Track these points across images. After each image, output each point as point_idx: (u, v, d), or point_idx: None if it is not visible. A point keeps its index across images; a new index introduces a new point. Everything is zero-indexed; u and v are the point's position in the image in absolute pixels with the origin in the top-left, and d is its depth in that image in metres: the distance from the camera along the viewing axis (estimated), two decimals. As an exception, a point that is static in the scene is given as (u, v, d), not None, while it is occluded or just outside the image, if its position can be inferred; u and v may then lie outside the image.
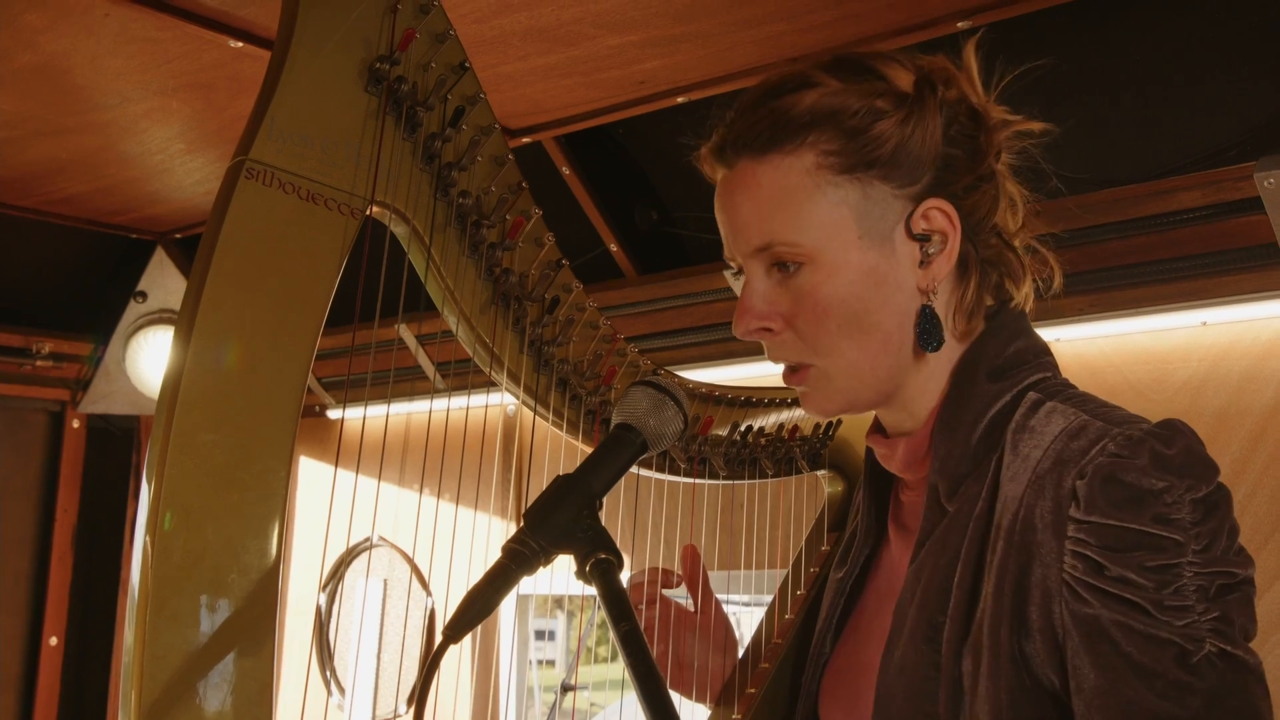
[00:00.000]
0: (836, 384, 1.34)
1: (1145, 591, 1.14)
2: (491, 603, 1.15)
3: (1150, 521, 1.15)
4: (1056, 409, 1.27)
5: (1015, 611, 1.21)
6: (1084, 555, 1.17)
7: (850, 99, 1.30)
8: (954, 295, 1.35)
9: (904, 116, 1.30)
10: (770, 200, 1.31)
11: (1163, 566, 1.14)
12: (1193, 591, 1.13)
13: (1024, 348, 1.35)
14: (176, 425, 1.20)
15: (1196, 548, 1.14)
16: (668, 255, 3.07)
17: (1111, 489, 1.17)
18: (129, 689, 1.15)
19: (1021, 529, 1.22)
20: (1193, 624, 1.13)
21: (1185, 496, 1.15)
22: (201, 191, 3.31)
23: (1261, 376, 2.22)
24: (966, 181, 1.33)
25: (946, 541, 1.30)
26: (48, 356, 3.86)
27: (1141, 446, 1.18)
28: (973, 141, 1.34)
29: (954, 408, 1.34)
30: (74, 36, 2.32)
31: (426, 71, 1.41)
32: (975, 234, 1.34)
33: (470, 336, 1.50)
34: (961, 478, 1.31)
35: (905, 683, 1.30)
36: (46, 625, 3.94)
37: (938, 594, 1.29)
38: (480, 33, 2.25)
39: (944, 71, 1.34)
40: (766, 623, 1.76)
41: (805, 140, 1.30)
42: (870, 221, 1.30)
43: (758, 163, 1.32)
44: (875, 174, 1.30)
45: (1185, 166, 2.21)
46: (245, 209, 1.27)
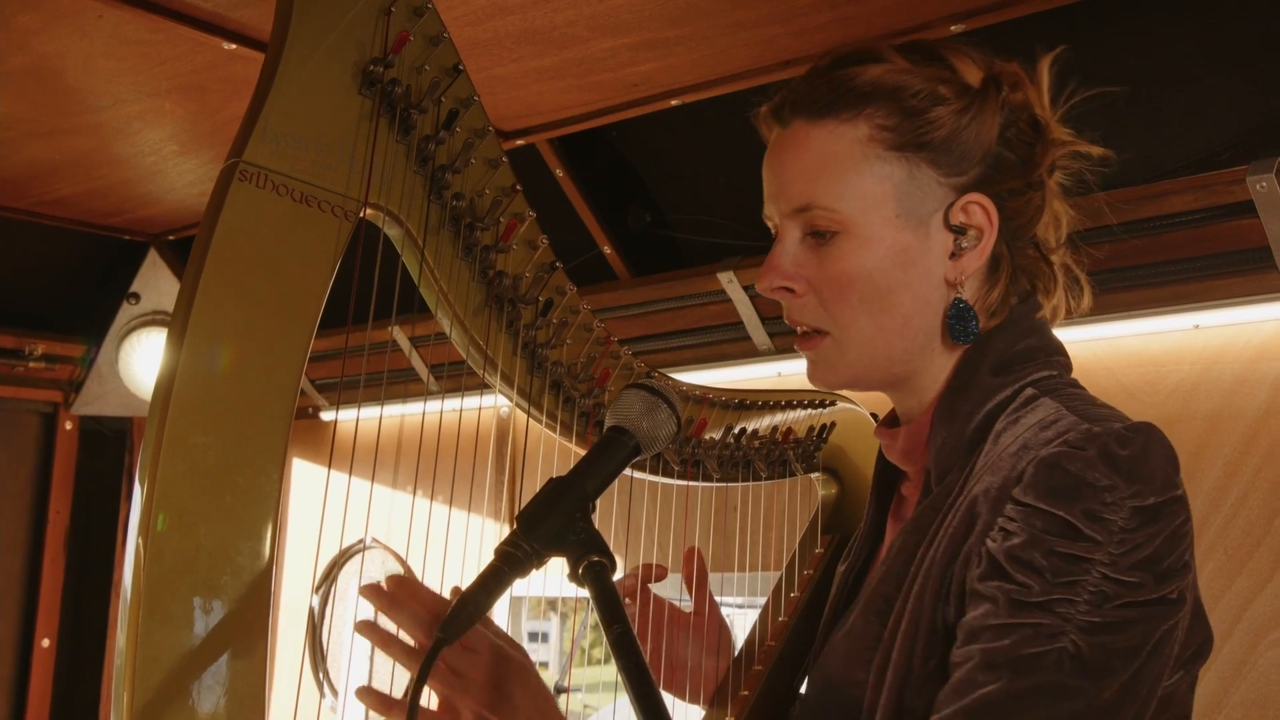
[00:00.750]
0: (847, 357, 1.36)
1: (1039, 575, 1.15)
2: (484, 605, 1.16)
3: (1079, 514, 1.15)
4: (1044, 403, 1.28)
5: (941, 579, 1.23)
6: (1006, 531, 1.18)
7: (914, 79, 1.32)
8: (980, 292, 1.36)
9: (963, 106, 1.32)
10: (817, 163, 1.33)
11: (1071, 557, 1.14)
12: (1089, 592, 1.14)
13: (1035, 345, 1.36)
14: (169, 427, 1.20)
15: (1115, 552, 1.14)
16: (661, 258, 3.07)
17: (1053, 476, 1.18)
18: (121, 691, 1.15)
19: (968, 505, 1.24)
20: (1064, 615, 1.13)
21: (1127, 501, 1.15)
22: (195, 193, 3.31)
23: (1254, 380, 2.22)
24: (1014, 185, 1.34)
25: (919, 524, 1.32)
26: (40, 358, 3.85)
27: (1095, 441, 1.18)
28: (1029, 149, 1.35)
29: (952, 398, 1.35)
30: (67, 38, 2.31)
31: (420, 74, 1.41)
32: (1013, 238, 1.36)
33: (464, 339, 1.50)
34: (951, 466, 1.33)
35: (847, 647, 1.33)
36: (39, 627, 3.93)
37: (899, 571, 1.31)
38: (474, 35, 2.25)
39: (1013, 75, 1.36)
40: (760, 625, 1.76)
41: (863, 111, 1.32)
42: (910, 203, 1.32)
43: (812, 125, 1.34)
44: (924, 157, 1.31)
45: (1178, 170, 2.22)
46: (239, 211, 1.27)
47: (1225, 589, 2.18)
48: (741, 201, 2.86)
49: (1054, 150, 1.37)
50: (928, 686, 1.22)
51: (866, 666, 1.29)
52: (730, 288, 2.76)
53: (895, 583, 1.31)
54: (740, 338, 2.86)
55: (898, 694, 1.24)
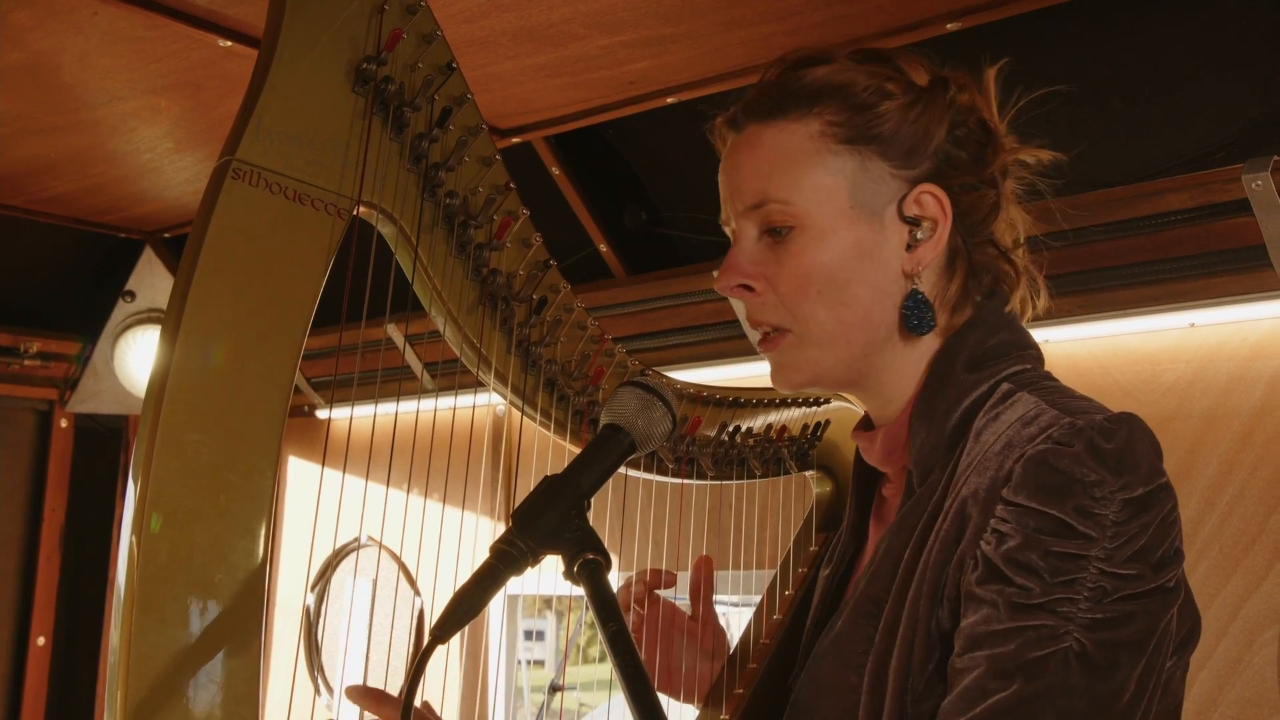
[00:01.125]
0: (808, 353, 1.36)
1: (1037, 576, 1.14)
2: (479, 603, 1.15)
3: (1071, 511, 1.15)
4: (1022, 398, 1.28)
5: (935, 584, 1.23)
6: (1000, 533, 1.18)
7: (861, 76, 1.34)
8: (939, 286, 1.37)
9: (911, 101, 1.34)
10: (769, 159, 1.35)
11: (1067, 555, 1.14)
12: (1089, 588, 1.14)
13: (1007, 340, 1.36)
14: (163, 425, 1.20)
15: (1110, 546, 1.14)
16: (657, 256, 3.07)
17: (1042, 473, 1.18)
18: (115, 689, 1.15)
19: (959, 507, 1.24)
20: (1067, 615, 1.13)
21: (1117, 494, 1.15)
22: (190, 191, 3.31)
23: (1249, 378, 2.22)
24: (967, 180, 1.35)
25: (904, 524, 1.32)
26: (35, 356, 3.85)
27: (1080, 435, 1.18)
28: (979, 148, 1.37)
29: (930, 396, 1.35)
30: (62, 35, 2.31)
31: (414, 72, 1.41)
32: (970, 234, 1.37)
33: (458, 337, 1.50)
34: (932, 466, 1.33)
35: (836, 650, 1.33)
36: (34, 625, 3.93)
37: (886, 573, 1.31)
38: (470, 33, 2.25)
39: (960, 79, 1.38)
40: (755, 623, 1.76)
41: (813, 109, 1.34)
42: (863, 195, 1.33)
43: (764, 126, 1.36)
44: (875, 149, 1.33)
45: (1173, 168, 2.22)
46: (232, 209, 1.26)
47: (1220, 587, 2.18)
48: (737, 199, 2.86)
49: (1004, 154, 1.38)
50: (928, 694, 1.22)
51: (859, 670, 1.29)
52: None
53: (883, 585, 1.30)
54: (736, 336, 2.86)
55: (899, 702, 1.23)
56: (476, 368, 1.51)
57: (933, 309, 1.35)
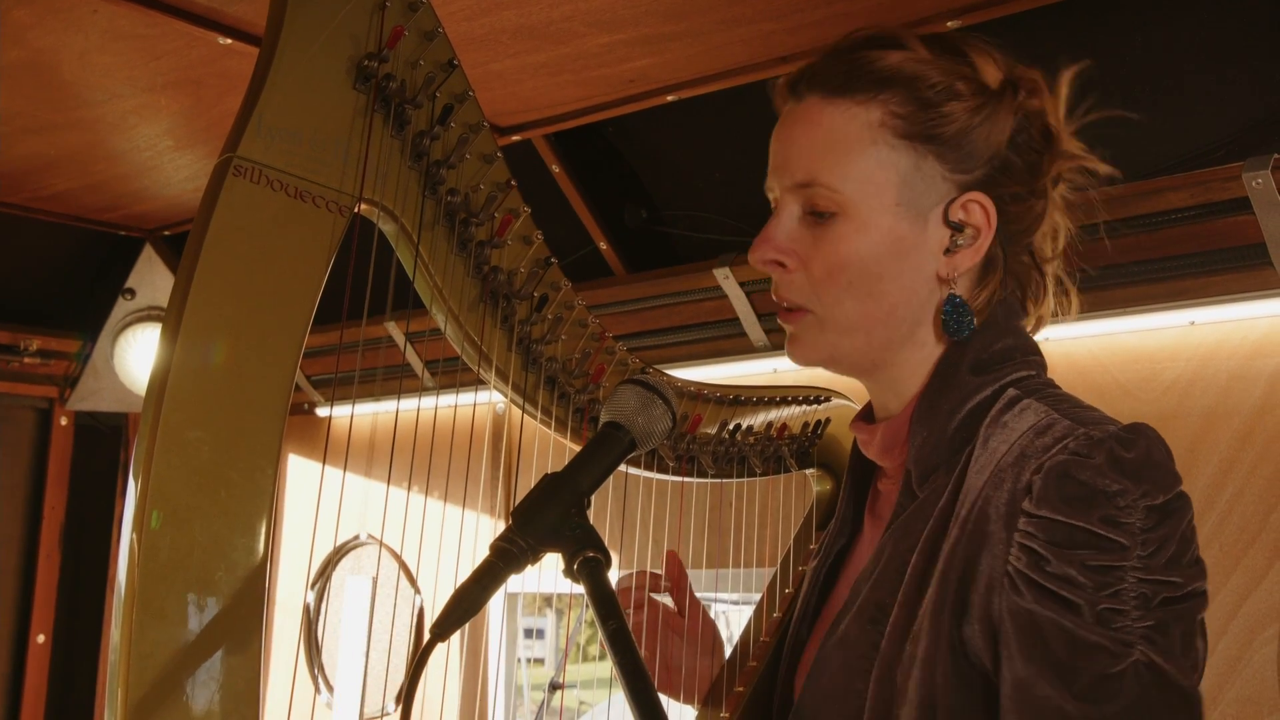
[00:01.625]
0: (827, 336, 1.36)
1: (1083, 591, 1.14)
2: (479, 601, 1.15)
3: (1098, 522, 1.14)
4: (1031, 406, 1.28)
5: (959, 597, 1.22)
6: (1029, 548, 1.17)
7: (933, 70, 1.32)
8: (971, 293, 1.37)
9: (978, 105, 1.32)
10: (826, 140, 1.33)
11: (1105, 568, 1.14)
12: (1132, 598, 1.13)
13: (1012, 345, 1.36)
14: (163, 423, 1.20)
15: (1143, 554, 1.14)
16: (657, 254, 3.07)
17: (1065, 485, 1.17)
18: (115, 687, 1.15)
19: (976, 519, 1.23)
20: (1125, 629, 1.13)
21: (1139, 502, 1.15)
22: (190, 188, 3.31)
23: (1249, 376, 2.22)
24: (1017, 190, 1.35)
25: (909, 528, 1.31)
26: (35, 353, 3.84)
27: (1100, 447, 1.18)
28: (1037, 155, 1.36)
29: (933, 396, 1.35)
30: (62, 32, 2.31)
31: (415, 69, 1.41)
32: (1010, 243, 1.36)
33: (458, 334, 1.50)
34: (934, 467, 1.32)
35: (842, 656, 1.32)
36: (34, 623, 3.92)
37: (892, 577, 1.30)
38: (470, 30, 2.25)
39: (1032, 82, 1.36)
40: (755, 621, 1.76)
41: (878, 95, 1.32)
42: (912, 193, 1.32)
43: (826, 103, 1.34)
44: (932, 149, 1.32)
45: (1173, 166, 2.22)
46: (233, 206, 1.26)
47: (1221, 585, 2.18)
48: (738, 197, 2.86)
49: (1061, 162, 1.37)
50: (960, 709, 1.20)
51: (865, 676, 1.28)
52: (726, 284, 2.76)
53: (889, 590, 1.29)
54: (736, 334, 2.86)
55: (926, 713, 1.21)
56: (477, 365, 1.51)
57: (972, 314, 1.35)
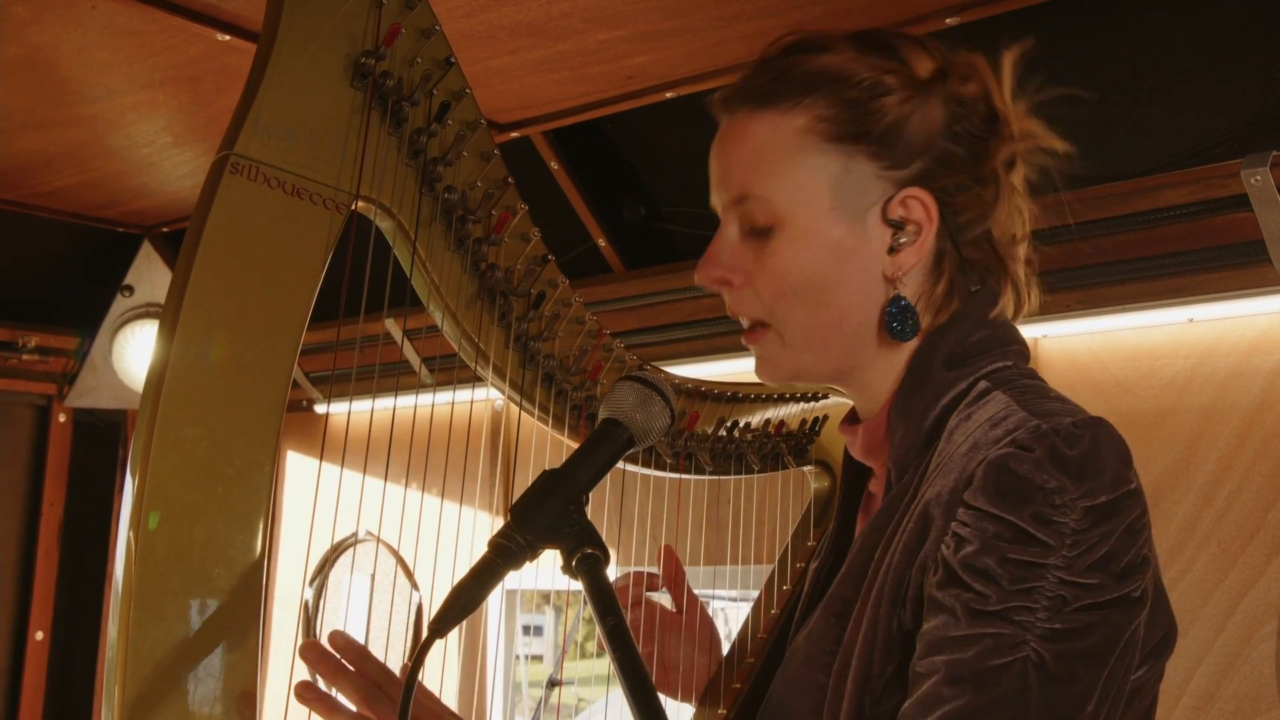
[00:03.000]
0: (788, 350, 1.35)
1: (995, 584, 1.12)
2: (477, 598, 1.15)
3: (1029, 518, 1.12)
4: (995, 397, 1.26)
5: (896, 586, 1.21)
6: (959, 537, 1.16)
7: (859, 68, 1.30)
8: (924, 287, 1.33)
9: (907, 97, 1.29)
10: (755, 153, 1.32)
11: (1025, 564, 1.12)
12: (1047, 597, 1.11)
13: (988, 336, 1.32)
14: (160, 420, 1.20)
15: (1069, 554, 1.11)
16: (656, 250, 3.07)
17: (1001, 478, 1.15)
18: (112, 684, 1.15)
19: (922, 508, 1.22)
20: (1025, 625, 1.11)
21: (1077, 501, 1.12)
22: (189, 185, 3.30)
23: (1247, 373, 2.22)
24: (960, 180, 1.31)
25: (878, 523, 1.30)
26: (34, 350, 3.84)
27: (1042, 441, 1.15)
28: (979, 143, 1.32)
29: (908, 394, 1.32)
30: (60, 29, 2.31)
31: (412, 66, 1.41)
32: (959, 234, 1.32)
33: (456, 331, 1.50)
34: (909, 464, 1.31)
35: (807, 649, 1.32)
36: (32, 620, 3.92)
37: (857, 572, 1.29)
38: (469, 27, 2.25)
39: (968, 67, 1.33)
40: (752, 618, 1.76)
41: (802, 101, 1.30)
42: (846, 196, 1.29)
43: (753, 115, 1.33)
44: (863, 149, 1.29)
45: (1172, 163, 2.21)
46: (230, 203, 1.26)
47: (1219, 582, 2.18)
48: (736, 194, 2.86)
49: (1008, 145, 1.33)
50: (888, 693, 1.20)
51: (826, 669, 1.27)
52: (723, 285, 2.75)
53: (853, 584, 1.28)
54: (734, 331, 2.83)
55: (859, 701, 1.22)
56: (475, 362, 1.52)
57: (916, 314, 1.32)
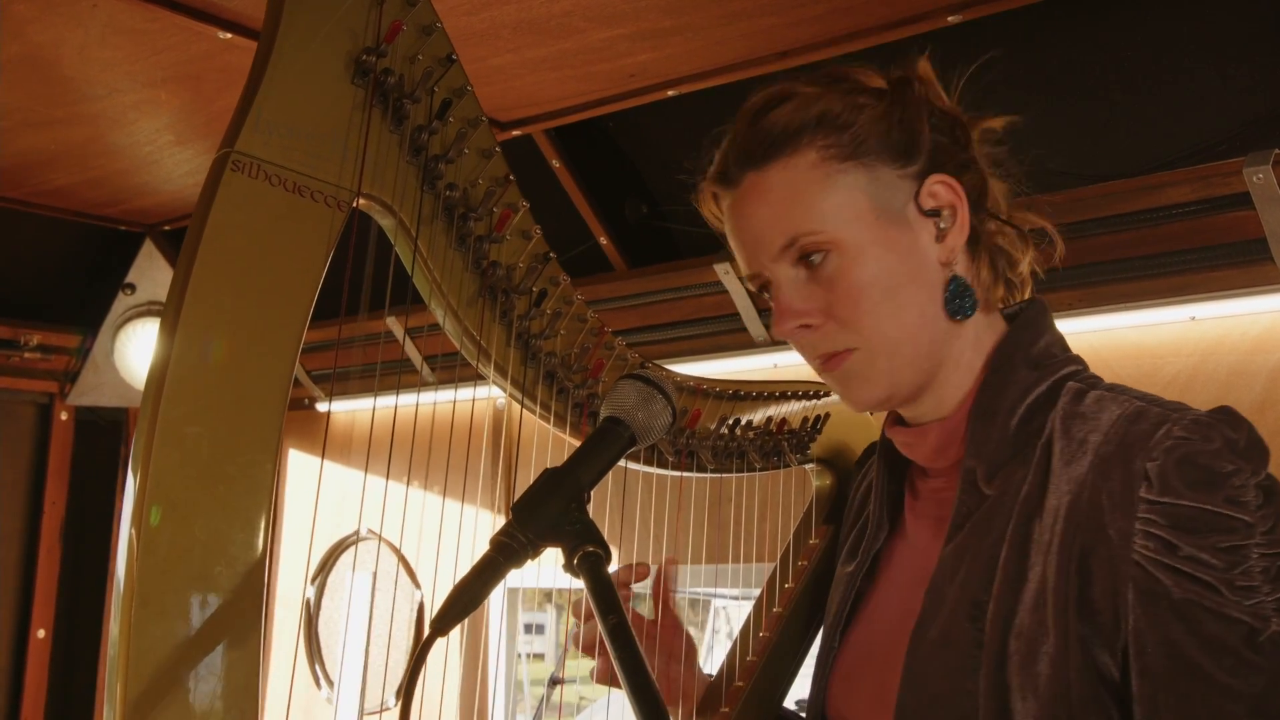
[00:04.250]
0: (879, 365, 1.36)
1: (1217, 571, 1.17)
2: (479, 596, 1.15)
3: (1223, 503, 1.18)
4: (1105, 397, 1.31)
5: (1081, 593, 1.23)
6: (1156, 535, 1.19)
7: (831, 99, 1.36)
8: (970, 271, 1.39)
9: (886, 106, 1.36)
10: (784, 199, 1.35)
11: (1233, 547, 1.17)
12: (1259, 573, 1.17)
13: (1052, 342, 1.40)
14: (162, 418, 1.19)
15: (1263, 529, 1.18)
16: (657, 248, 3.07)
17: (1187, 470, 1.19)
18: (114, 682, 1.15)
19: (1087, 510, 1.24)
20: (1260, 604, 1.16)
21: (1250, 481, 1.19)
22: (190, 183, 3.30)
23: (1249, 371, 2.22)
24: (959, 161, 1.38)
25: (990, 524, 1.32)
26: (36, 348, 3.84)
27: (1213, 430, 1.21)
28: (952, 130, 1.40)
29: (992, 393, 1.36)
30: (62, 27, 2.30)
31: (413, 64, 1.41)
32: (975, 211, 1.39)
33: (457, 329, 1.50)
34: (1001, 462, 1.33)
35: (944, 658, 1.31)
36: (34, 618, 3.93)
37: (982, 574, 1.30)
38: (471, 25, 2.24)
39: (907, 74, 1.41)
40: (754, 616, 1.76)
41: (801, 141, 1.35)
42: (883, 201, 1.35)
43: (762, 173, 1.36)
44: (875, 158, 1.34)
45: (1174, 161, 2.21)
46: (231, 201, 1.26)
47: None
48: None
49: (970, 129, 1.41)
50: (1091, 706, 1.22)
51: (974, 675, 1.27)
52: (726, 279, 2.76)
53: (981, 587, 1.29)
54: (736, 329, 2.86)
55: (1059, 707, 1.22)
56: (476, 360, 1.51)
57: (973, 291, 1.38)
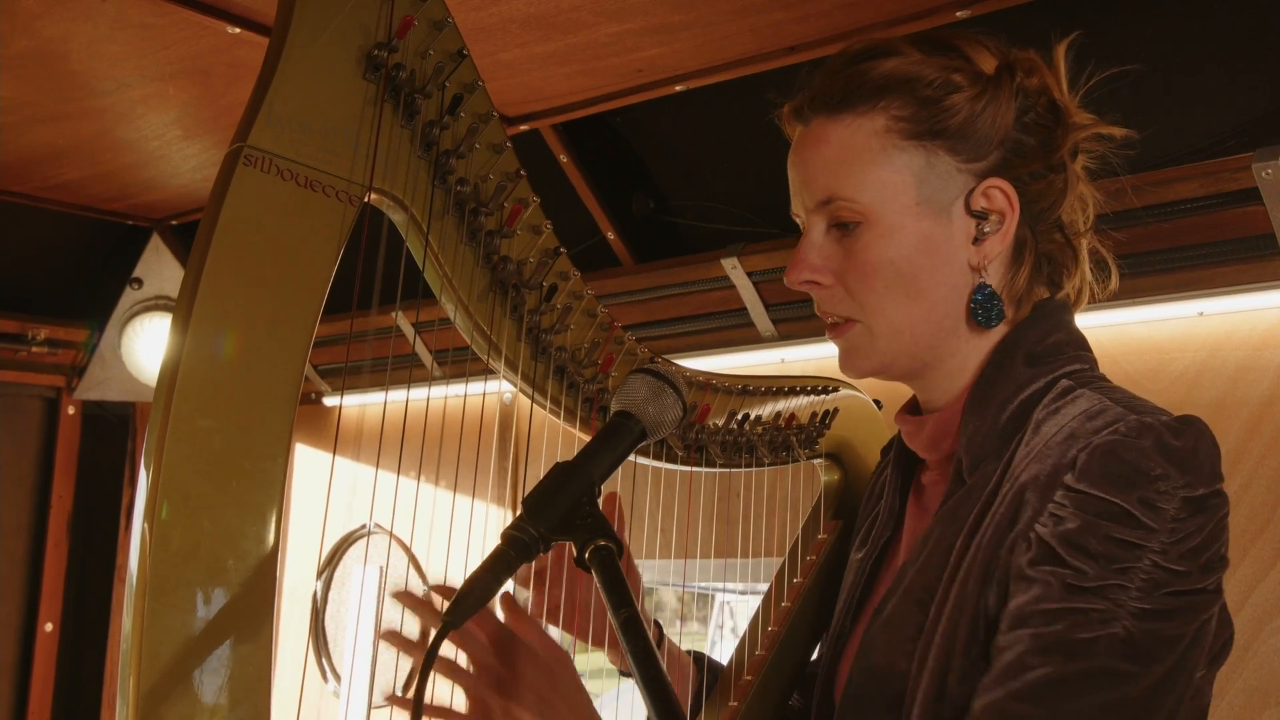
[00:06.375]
0: (877, 343, 1.38)
1: (1095, 559, 1.16)
2: (491, 590, 1.16)
3: (1135, 502, 1.17)
4: (1084, 394, 1.30)
5: (985, 564, 1.24)
6: (1058, 516, 1.19)
7: (928, 69, 1.35)
8: (1005, 278, 1.38)
9: (978, 93, 1.34)
10: (837, 157, 1.36)
11: (1126, 544, 1.16)
12: (1141, 579, 1.15)
13: (1064, 339, 1.38)
14: (174, 412, 1.20)
15: (1167, 540, 1.16)
16: (664, 243, 3.07)
17: (1108, 463, 1.19)
18: (127, 676, 1.15)
19: (1015, 493, 1.25)
20: (1118, 602, 1.15)
21: (1178, 491, 1.17)
22: (198, 178, 3.31)
23: (1258, 367, 2.22)
24: (1035, 169, 1.36)
25: (957, 512, 1.33)
26: (43, 343, 3.85)
27: (1150, 431, 1.20)
28: (1048, 132, 1.37)
29: (987, 386, 1.36)
30: (71, 22, 2.31)
31: (425, 59, 1.41)
32: (1037, 222, 1.37)
33: (468, 324, 1.50)
34: (984, 455, 1.34)
35: (888, 636, 1.33)
36: (41, 612, 3.93)
37: (938, 560, 1.31)
38: (480, 20, 2.25)
39: (1029, 61, 1.38)
40: (763, 610, 1.76)
41: (878, 104, 1.34)
42: (930, 190, 1.34)
43: (831, 121, 1.37)
44: (941, 144, 1.34)
45: (1183, 157, 2.21)
46: (243, 195, 1.26)
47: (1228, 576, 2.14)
48: (745, 188, 2.86)
49: (1074, 133, 1.38)
50: (971, 673, 1.23)
51: (909, 656, 1.29)
52: (734, 274, 2.76)
53: (935, 573, 1.31)
54: (743, 324, 2.86)
55: (939, 680, 1.24)
56: (487, 355, 1.52)
57: (1000, 302, 1.37)
